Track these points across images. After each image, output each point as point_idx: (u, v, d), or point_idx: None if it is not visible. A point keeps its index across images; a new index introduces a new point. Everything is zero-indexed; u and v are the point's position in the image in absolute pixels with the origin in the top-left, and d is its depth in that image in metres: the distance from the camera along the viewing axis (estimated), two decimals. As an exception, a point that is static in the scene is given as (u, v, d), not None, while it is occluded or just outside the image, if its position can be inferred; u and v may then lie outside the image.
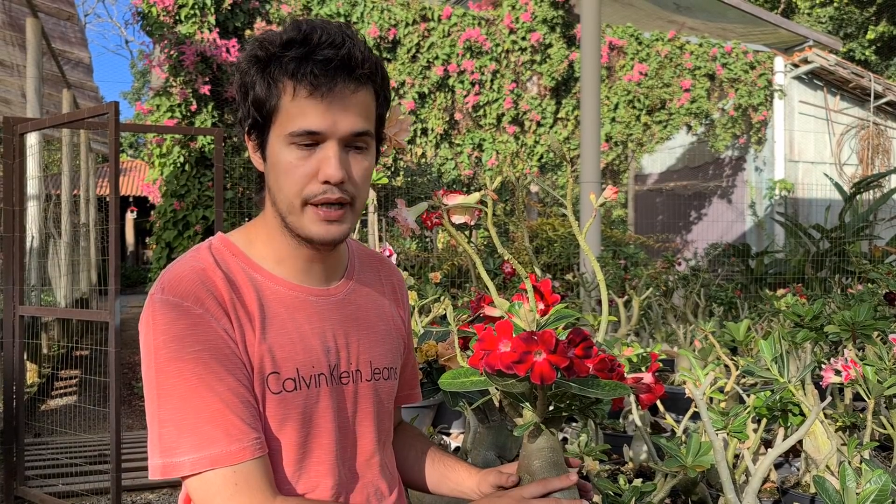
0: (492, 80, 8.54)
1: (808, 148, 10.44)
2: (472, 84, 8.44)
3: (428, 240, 8.04)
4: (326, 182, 1.00)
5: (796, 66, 10.09)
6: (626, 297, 2.71)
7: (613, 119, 9.21)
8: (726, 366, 2.04)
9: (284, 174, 1.01)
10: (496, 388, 0.94)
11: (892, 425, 1.53)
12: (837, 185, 7.85)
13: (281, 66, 0.99)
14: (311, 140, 1.00)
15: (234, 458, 0.95)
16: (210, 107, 7.02)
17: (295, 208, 1.02)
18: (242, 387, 0.98)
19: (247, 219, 6.88)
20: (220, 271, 1.03)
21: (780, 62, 10.12)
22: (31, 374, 5.70)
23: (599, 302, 3.99)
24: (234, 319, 1.01)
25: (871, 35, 16.81)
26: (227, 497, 0.94)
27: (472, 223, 1.08)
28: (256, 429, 0.98)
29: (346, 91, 1.00)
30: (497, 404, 1.50)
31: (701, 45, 9.54)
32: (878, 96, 10.36)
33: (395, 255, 2.35)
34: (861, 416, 1.74)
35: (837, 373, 1.55)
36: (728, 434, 1.38)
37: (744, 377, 2.29)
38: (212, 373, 0.96)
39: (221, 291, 1.01)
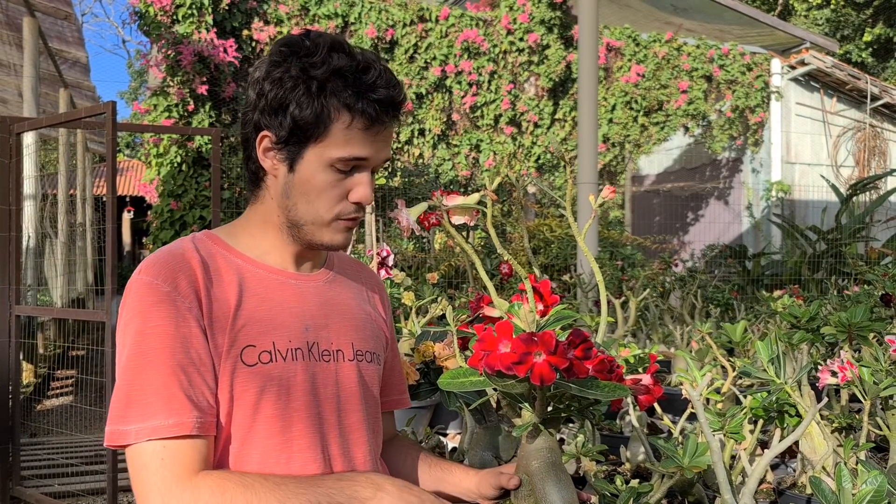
0: (489, 81, 8.55)
1: (804, 150, 10.46)
2: (470, 85, 8.45)
3: (425, 240, 8.05)
4: (358, 203, 1.09)
5: (793, 67, 10.11)
6: (623, 298, 2.71)
7: (611, 120, 9.22)
8: (723, 367, 2.05)
9: (318, 193, 1.08)
10: (495, 389, 0.94)
11: (888, 426, 1.54)
12: (834, 187, 7.88)
13: (337, 96, 1.04)
14: (353, 166, 1.08)
15: (168, 431, 0.96)
16: (207, 107, 7.01)
17: (323, 222, 1.09)
18: (193, 367, 1.00)
19: (244, 219, 6.87)
20: (197, 255, 1.07)
21: (776, 64, 10.14)
22: (27, 374, 5.69)
23: (596, 303, 3.99)
24: (204, 298, 1.03)
25: (867, 37, 16.86)
26: (151, 471, 0.96)
27: (472, 223, 1.08)
28: (200, 409, 0.99)
29: (391, 127, 1.10)
30: (494, 405, 1.50)
31: (698, 47, 9.56)
32: (874, 98, 10.38)
33: (392, 256, 2.35)
34: (857, 417, 1.75)
35: (834, 374, 1.55)
36: (725, 435, 1.39)
37: (740, 378, 2.29)
38: (167, 348, 0.99)
39: (195, 272, 1.05)
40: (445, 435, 2.53)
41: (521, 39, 8.55)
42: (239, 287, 1.07)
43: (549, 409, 1.02)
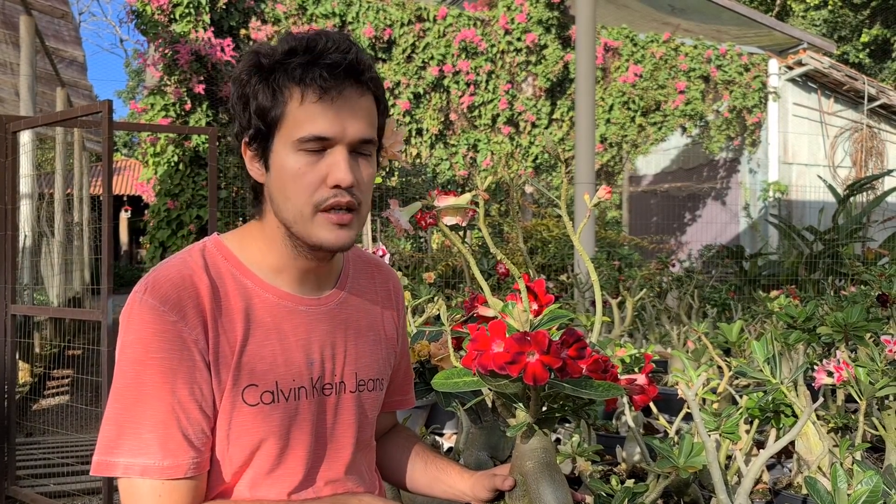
0: (487, 81, 8.54)
1: (801, 150, 10.47)
2: (468, 85, 8.44)
3: (422, 240, 8.04)
4: (336, 186, 0.99)
5: (790, 68, 10.12)
6: (619, 298, 2.71)
7: (608, 120, 9.22)
8: (719, 367, 2.05)
9: (292, 181, 0.99)
10: (489, 389, 0.94)
11: (883, 427, 1.54)
12: (831, 188, 7.88)
13: (286, 73, 0.98)
14: (320, 146, 0.99)
15: (164, 473, 0.94)
16: (204, 106, 7.00)
17: (305, 216, 1.00)
18: (194, 402, 0.97)
19: (240, 219, 6.87)
20: (206, 278, 1.02)
21: (774, 64, 10.15)
22: (24, 374, 5.68)
23: (593, 303, 3.99)
24: (210, 329, 0.99)
25: (864, 38, 16.88)
26: None
27: (465, 224, 1.07)
28: (197, 448, 0.98)
29: (354, 96, 1.00)
30: (490, 405, 1.50)
31: (696, 47, 9.56)
32: (871, 99, 10.39)
33: (388, 256, 2.35)
34: (853, 417, 1.75)
35: (830, 374, 1.55)
36: (720, 435, 1.39)
37: (736, 378, 2.29)
38: (167, 382, 0.95)
39: (203, 300, 1.00)
40: (442, 435, 2.53)
41: (518, 39, 8.55)
42: (246, 317, 1.03)
43: (544, 409, 1.02)
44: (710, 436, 1.22)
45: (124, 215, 18.69)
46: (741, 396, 1.52)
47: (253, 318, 1.03)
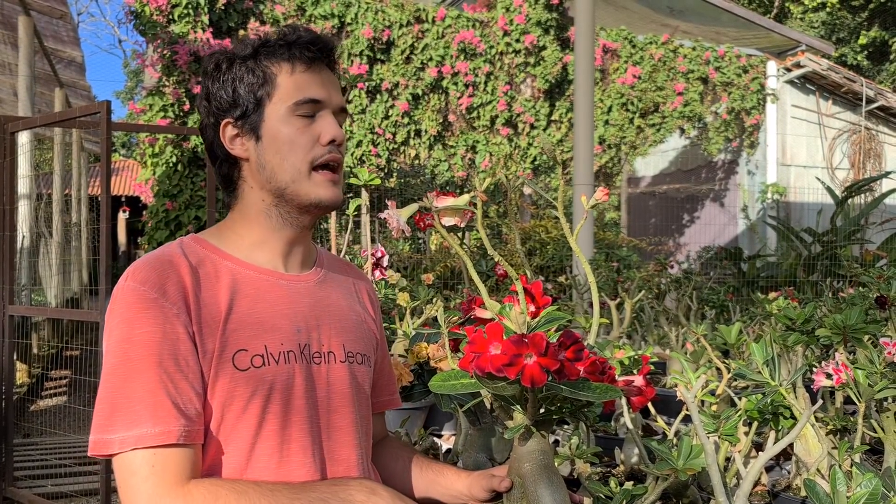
0: (485, 82, 8.54)
1: (800, 152, 10.48)
2: (466, 86, 8.44)
3: (421, 241, 8.04)
4: (331, 142, 1.10)
5: (789, 70, 10.13)
6: (618, 300, 2.71)
7: (607, 122, 9.22)
8: (718, 369, 2.04)
9: (289, 143, 1.09)
10: (487, 391, 0.94)
11: (882, 429, 1.53)
12: (829, 189, 7.90)
13: (272, 55, 1.11)
14: (312, 110, 1.10)
15: (156, 439, 0.95)
16: (203, 107, 7.00)
17: (302, 174, 1.09)
18: (181, 374, 0.99)
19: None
20: (186, 260, 1.06)
21: (772, 66, 10.16)
22: (21, 375, 5.67)
23: (592, 304, 3.98)
24: (192, 303, 1.02)
25: (863, 40, 16.90)
26: (141, 478, 0.94)
27: (463, 225, 1.07)
28: (188, 417, 0.98)
29: (329, 69, 1.15)
30: (488, 406, 1.49)
31: (694, 49, 9.57)
32: (869, 101, 10.41)
33: (387, 257, 2.34)
34: (852, 419, 1.75)
35: (828, 376, 1.55)
36: (719, 437, 1.38)
37: (735, 380, 2.29)
38: (154, 355, 0.97)
39: (184, 277, 1.03)
40: (440, 436, 2.52)
41: (517, 41, 8.55)
42: (230, 289, 1.06)
43: (542, 410, 1.02)
44: (708, 438, 1.22)
45: (122, 216, 18.66)
46: (740, 398, 1.52)
47: (237, 289, 1.07)
